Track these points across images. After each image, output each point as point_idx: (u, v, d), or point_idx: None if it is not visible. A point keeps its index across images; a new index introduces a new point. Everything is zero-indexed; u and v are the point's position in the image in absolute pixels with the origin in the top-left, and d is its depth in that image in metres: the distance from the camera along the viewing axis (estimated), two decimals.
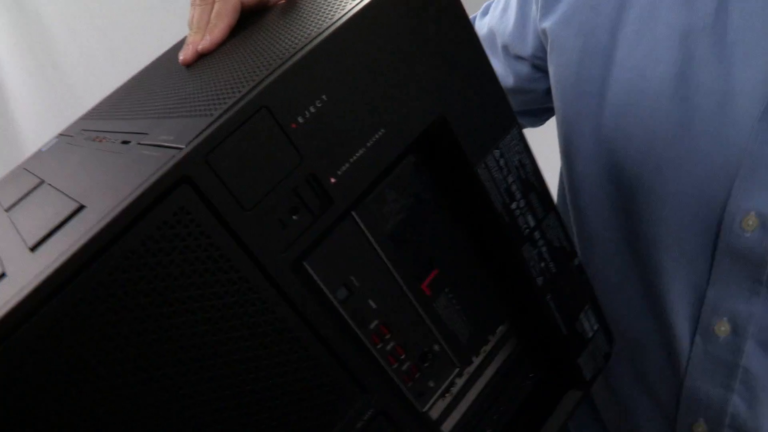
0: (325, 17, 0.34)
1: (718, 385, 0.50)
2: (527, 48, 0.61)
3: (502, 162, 0.38)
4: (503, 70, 0.65)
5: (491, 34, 0.67)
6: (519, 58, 0.63)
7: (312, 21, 0.35)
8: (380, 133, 0.32)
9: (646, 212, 0.49)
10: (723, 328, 0.48)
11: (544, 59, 0.58)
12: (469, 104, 0.36)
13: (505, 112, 0.38)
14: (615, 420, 0.65)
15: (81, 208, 0.32)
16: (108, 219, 0.26)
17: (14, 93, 1.79)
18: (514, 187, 0.39)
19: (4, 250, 0.35)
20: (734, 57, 0.44)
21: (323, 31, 0.31)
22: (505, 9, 0.65)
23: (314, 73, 0.30)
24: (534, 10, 0.58)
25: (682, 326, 0.51)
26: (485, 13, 0.71)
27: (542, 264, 0.42)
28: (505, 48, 0.64)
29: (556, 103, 0.56)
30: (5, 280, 0.30)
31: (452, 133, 0.35)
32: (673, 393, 0.55)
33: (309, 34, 0.32)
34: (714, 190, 0.45)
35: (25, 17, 1.74)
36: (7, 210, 0.44)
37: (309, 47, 0.30)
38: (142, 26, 1.77)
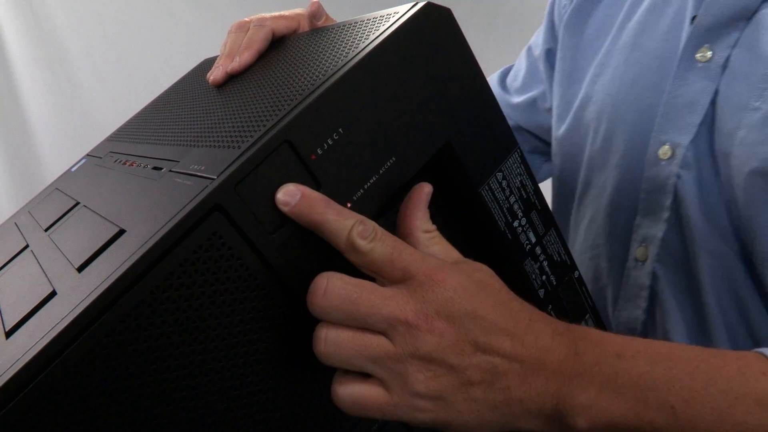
0: (341, 53, 0.37)
1: (638, 308, 0.56)
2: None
3: (504, 183, 0.41)
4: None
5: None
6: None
7: (329, 56, 0.38)
8: (391, 161, 0.36)
9: (604, 160, 0.58)
10: (641, 253, 0.54)
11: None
12: (473, 131, 0.39)
13: (506, 136, 0.41)
14: None
15: (122, 232, 0.35)
16: (150, 244, 0.30)
17: (33, 108, 1.84)
18: (516, 207, 0.42)
19: (51, 269, 0.38)
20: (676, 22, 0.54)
21: (339, 69, 0.34)
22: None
23: (331, 110, 0.33)
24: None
25: (613, 258, 0.58)
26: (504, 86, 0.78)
27: (543, 277, 0.45)
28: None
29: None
30: (56, 298, 0.33)
31: (457, 159, 0.39)
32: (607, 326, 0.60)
33: (326, 71, 0.35)
34: (649, 133, 0.53)
35: (43, 36, 1.79)
36: (47, 230, 0.48)
37: (326, 85, 0.33)
38: (152, 41, 1.82)
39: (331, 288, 0.32)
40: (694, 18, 0.50)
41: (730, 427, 0.34)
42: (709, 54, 0.48)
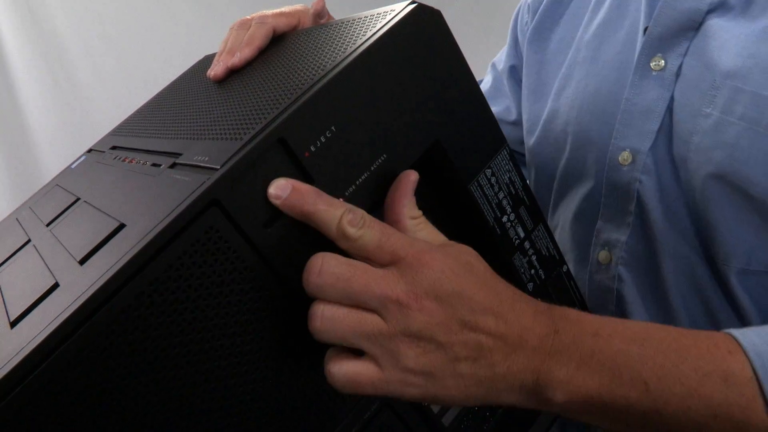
0: (334, 53, 0.38)
1: (606, 311, 0.57)
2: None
3: (493, 180, 0.42)
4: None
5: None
6: None
7: (322, 55, 0.39)
8: (383, 158, 0.37)
9: (574, 171, 0.59)
10: (604, 256, 0.56)
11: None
12: (462, 129, 0.40)
13: (495, 134, 0.42)
14: None
15: (122, 226, 0.36)
16: (149, 237, 0.31)
17: (32, 108, 1.85)
18: (504, 203, 0.43)
19: (53, 262, 0.40)
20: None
21: (330, 70, 0.35)
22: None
23: (323, 109, 0.34)
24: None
25: (580, 263, 0.59)
26: None
27: (532, 271, 0.46)
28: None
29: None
30: (59, 290, 0.34)
31: (447, 156, 0.40)
32: None
33: (318, 71, 0.37)
34: (610, 140, 0.55)
35: (42, 35, 1.81)
36: (48, 225, 0.49)
37: (318, 86, 0.35)
38: (152, 41, 1.83)
39: (326, 267, 0.33)
40: (647, 29, 0.51)
41: (698, 402, 0.36)
42: (662, 63, 0.50)
